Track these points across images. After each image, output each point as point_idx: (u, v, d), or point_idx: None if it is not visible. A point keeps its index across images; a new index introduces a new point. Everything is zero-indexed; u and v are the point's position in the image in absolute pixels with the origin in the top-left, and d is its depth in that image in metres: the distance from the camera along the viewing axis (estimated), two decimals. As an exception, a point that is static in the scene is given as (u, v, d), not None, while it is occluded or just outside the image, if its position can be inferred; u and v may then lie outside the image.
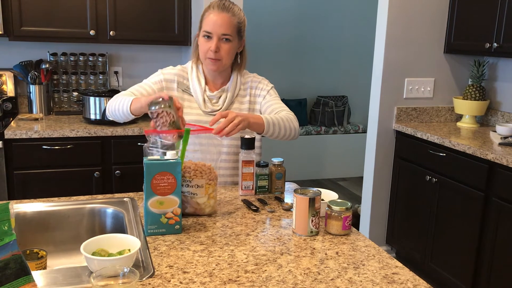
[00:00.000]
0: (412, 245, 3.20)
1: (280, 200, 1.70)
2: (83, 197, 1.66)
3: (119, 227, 1.52)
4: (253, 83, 1.91)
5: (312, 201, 1.37)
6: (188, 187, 1.47)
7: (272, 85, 1.93)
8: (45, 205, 1.57)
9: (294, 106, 5.43)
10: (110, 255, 1.19)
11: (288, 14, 5.58)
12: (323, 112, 5.59)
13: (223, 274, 1.16)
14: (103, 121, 3.00)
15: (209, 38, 1.75)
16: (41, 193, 2.78)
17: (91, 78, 3.42)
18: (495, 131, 2.97)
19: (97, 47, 3.40)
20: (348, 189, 5.22)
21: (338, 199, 1.51)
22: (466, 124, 3.28)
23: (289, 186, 1.86)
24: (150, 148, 1.41)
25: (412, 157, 3.19)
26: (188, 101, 1.85)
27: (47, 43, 3.29)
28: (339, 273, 1.19)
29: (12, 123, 2.97)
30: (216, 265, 1.20)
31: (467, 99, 3.22)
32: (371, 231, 3.49)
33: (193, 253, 1.27)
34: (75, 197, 1.65)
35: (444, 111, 3.46)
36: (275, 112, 1.81)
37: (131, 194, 1.71)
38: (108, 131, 2.91)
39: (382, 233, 3.50)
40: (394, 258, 1.28)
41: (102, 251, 1.19)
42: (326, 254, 1.29)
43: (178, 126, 1.48)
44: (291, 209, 1.59)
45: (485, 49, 2.96)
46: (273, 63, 5.55)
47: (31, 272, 0.97)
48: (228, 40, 1.75)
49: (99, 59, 3.41)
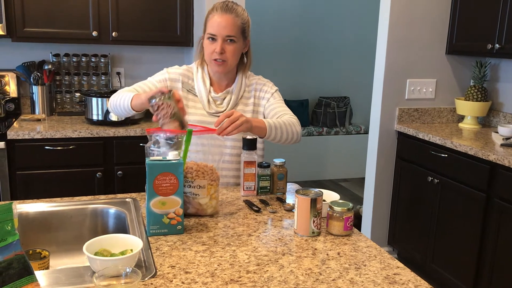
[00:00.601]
0: (413, 245, 3.20)
1: (281, 200, 1.70)
2: (85, 197, 1.66)
3: (122, 228, 1.52)
4: (258, 85, 1.91)
5: (313, 202, 1.37)
6: (190, 187, 1.48)
7: (276, 88, 1.93)
8: (48, 205, 1.57)
9: (296, 107, 5.43)
10: (112, 255, 1.19)
11: (290, 15, 5.58)
12: (325, 113, 5.59)
13: (225, 274, 1.16)
14: (105, 122, 3.00)
15: (214, 40, 1.75)
16: (44, 193, 2.79)
17: (94, 79, 3.43)
18: (497, 132, 2.97)
19: (99, 48, 3.41)
20: (349, 190, 5.22)
21: (339, 199, 1.51)
22: (468, 125, 3.28)
23: (291, 186, 1.86)
24: (151, 148, 1.42)
25: (414, 158, 3.19)
26: (192, 101, 1.85)
27: (50, 44, 3.30)
28: (340, 273, 1.19)
29: (14, 123, 2.98)
30: (218, 265, 1.21)
31: (469, 100, 3.22)
32: (372, 232, 3.49)
33: (195, 253, 1.27)
34: (77, 198, 1.65)
35: (446, 112, 3.46)
36: (278, 115, 1.81)
37: (133, 194, 1.71)
38: (110, 132, 2.91)
39: (383, 234, 3.50)
40: (395, 259, 1.28)
41: (104, 251, 1.19)
42: (327, 254, 1.29)
43: (179, 117, 1.48)
44: (293, 210, 1.59)
45: (487, 50, 2.96)
46: (275, 64, 5.56)
47: (34, 272, 0.98)
48: (232, 41, 1.75)
49: (102, 60, 3.41)
